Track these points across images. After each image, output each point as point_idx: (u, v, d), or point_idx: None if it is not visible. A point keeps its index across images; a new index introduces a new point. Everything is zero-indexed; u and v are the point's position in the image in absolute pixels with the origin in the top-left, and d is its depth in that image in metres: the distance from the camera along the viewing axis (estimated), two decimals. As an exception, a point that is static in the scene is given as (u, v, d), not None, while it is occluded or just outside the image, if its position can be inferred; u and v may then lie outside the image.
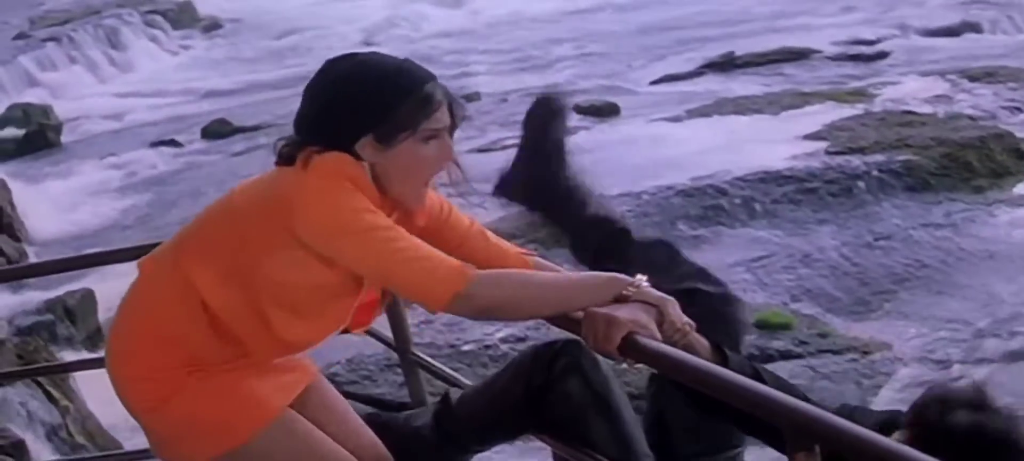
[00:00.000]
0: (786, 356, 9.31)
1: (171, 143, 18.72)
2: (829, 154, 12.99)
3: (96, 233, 14.71)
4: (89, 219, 15.62)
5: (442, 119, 3.27)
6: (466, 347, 9.51)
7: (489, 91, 18.91)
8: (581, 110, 16.66)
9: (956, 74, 16.06)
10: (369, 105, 3.21)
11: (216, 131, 18.72)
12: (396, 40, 23.34)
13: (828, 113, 14.55)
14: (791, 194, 12.32)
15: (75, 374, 8.53)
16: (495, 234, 3.60)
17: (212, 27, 27.56)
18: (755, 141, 13.70)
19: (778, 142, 13.58)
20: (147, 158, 18.23)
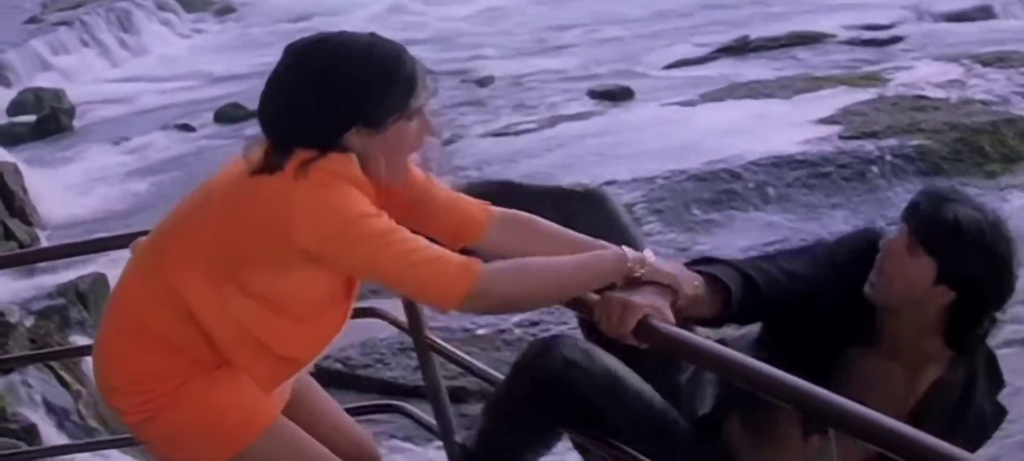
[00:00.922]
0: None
1: (184, 127, 18.76)
2: (842, 138, 12.97)
3: (108, 217, 14.73)
4: (101, 203, 15.64)
5: (423, 93, 3.18)
6: (480, 331, 9.47)
7: (502, 74, 18.86)
8: (595, 94, 16.66)
9: (969, 59, 15.96)
10: (357, 95, 3.08)
11: (229, 115, 18.68)
12: (409, 22, 23.29)
13: (841, 97, 14.49)
14: (804, 178, 12.30)
15: (87, 358, 8.52)
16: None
17: (225, 11, 27.56)
18: (768, 126, 13.67)
19: (791, 126, 13.56)
20: (160, 142, 18.24)
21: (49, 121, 19.62)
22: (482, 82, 18.38)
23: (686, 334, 3.11)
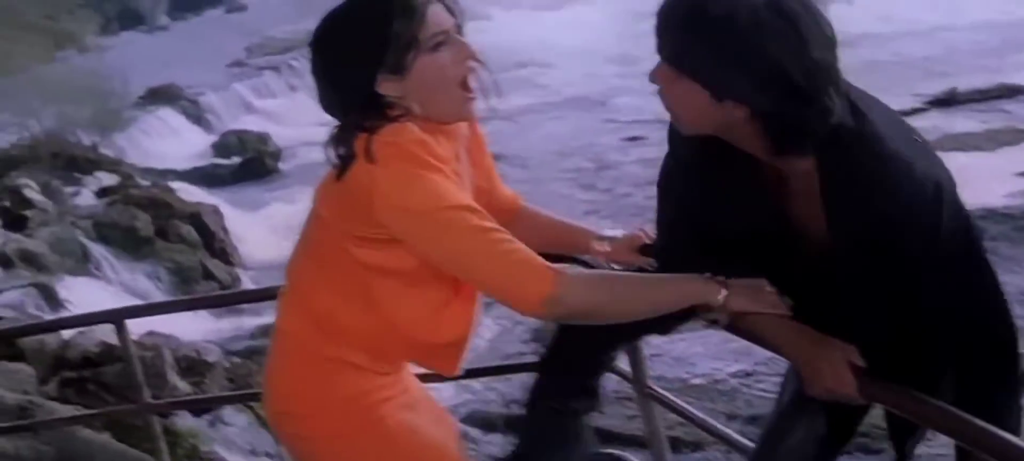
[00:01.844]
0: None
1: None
2: (1049, 193, 13.06)
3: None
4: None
5: (440, 19, 3.00)
6: (695, 381, 9.45)
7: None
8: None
9: None
10: (363, 46, 2.98)
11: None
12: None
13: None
14: (1008, 232, 12.34)
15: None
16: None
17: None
18: (975, 178, 13.43)
19: (996, 179, 13.66)
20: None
21: (253, 163, 19.90)
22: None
23: (912, 392, 2.75)
